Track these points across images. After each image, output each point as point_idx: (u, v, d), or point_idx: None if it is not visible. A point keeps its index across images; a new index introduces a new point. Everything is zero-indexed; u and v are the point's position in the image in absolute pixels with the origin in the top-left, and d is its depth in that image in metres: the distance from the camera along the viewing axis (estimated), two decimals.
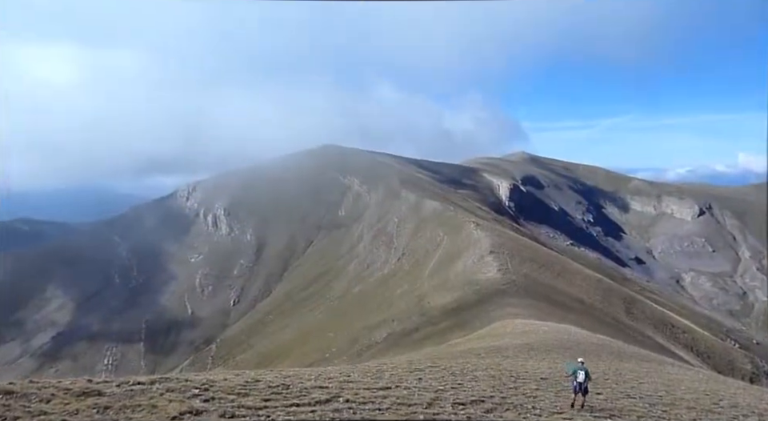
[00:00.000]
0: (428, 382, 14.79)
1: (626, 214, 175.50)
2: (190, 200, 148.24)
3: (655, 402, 14.78)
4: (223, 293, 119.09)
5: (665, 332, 67.26)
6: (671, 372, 24.74)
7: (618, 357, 27.42)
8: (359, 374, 15.29)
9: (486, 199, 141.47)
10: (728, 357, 70.02)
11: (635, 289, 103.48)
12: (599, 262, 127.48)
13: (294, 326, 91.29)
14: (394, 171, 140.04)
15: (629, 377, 20.14)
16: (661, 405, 14.41)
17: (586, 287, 70.90)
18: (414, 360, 21.87)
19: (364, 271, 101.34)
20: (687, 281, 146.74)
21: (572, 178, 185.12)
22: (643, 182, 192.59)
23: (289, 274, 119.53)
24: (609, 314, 62.45)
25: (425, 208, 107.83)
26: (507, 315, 43.71)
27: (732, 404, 16.02)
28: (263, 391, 11.16)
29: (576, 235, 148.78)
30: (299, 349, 75.21)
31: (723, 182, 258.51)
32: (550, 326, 37.11)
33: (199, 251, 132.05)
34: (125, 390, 9.89)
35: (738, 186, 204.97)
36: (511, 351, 24.63)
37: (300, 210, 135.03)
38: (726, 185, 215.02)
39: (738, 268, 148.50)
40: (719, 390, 19.57)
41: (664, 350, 52.27)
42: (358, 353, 54.77)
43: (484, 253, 70.33)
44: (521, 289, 55.67)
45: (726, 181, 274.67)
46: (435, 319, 54.31)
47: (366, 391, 12.33)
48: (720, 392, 18.65)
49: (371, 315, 70.78)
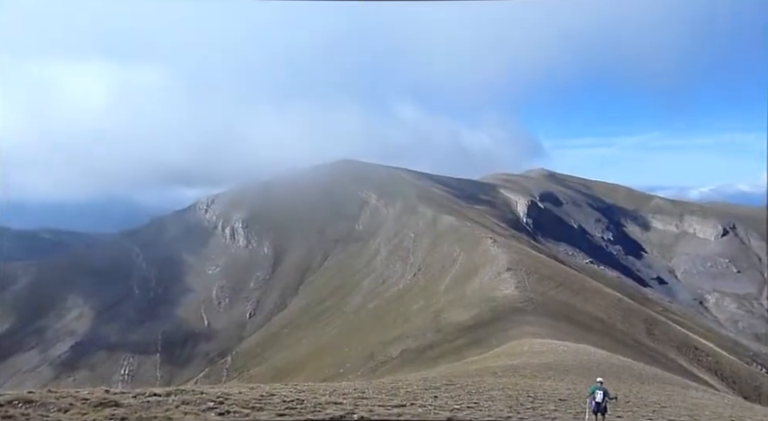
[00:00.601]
0: (444, 401, 14.58)
1: (647, 233, 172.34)
2: (208, 212, 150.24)
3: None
4: (239, 305, 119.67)
5: (688, 355, 65.34)
6: (695, 396, 23.98)
7: (639, 379, 26.71)
8: (374, 391, 15.16)
9: (504, 216, 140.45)
10: (754, 382, 67.57)
11: (657, 309, 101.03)
12: (619, 282, 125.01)
13: (310, 340, 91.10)
14: (412, 186, 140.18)
15: (650, 400, 19.58)
16: None
17: (605, 307, 69.48)
18: (429, 377, 21.60)
19: (380, 286, 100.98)
20: (711, 302, 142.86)
21: (591, 196, 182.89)
22: (665, 200, 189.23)
23: (305, 288, 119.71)
24: (629, 334, 60.99)
25: (442, 223, 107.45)
26: (524, 334, 43.01)
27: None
28: (278, 406, 11.13)
29: (595, 253, 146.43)
30: (314, 363, 74.91)
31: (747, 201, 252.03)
32: (568, 346, 36.37)
33: (216, 263, 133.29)
34: (141, 401, 9.96)
35: (764, 206, 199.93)
36: (529, 371, 24.18)
37: (317, 223, 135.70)
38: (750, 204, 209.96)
39: (764, 290, 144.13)
40: (745, 416, 18.90)
41: (687, 374, 50.74)
42: (373, 369, 54.33)
43: (501, 270, 69.60)
44: (538, 307, 54.82)
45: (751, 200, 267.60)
46: (451, 336, 53.71)
47: (381, 408, 12.20)
48: (746, 419, 18.01)
49: (386, 331, 70.31)
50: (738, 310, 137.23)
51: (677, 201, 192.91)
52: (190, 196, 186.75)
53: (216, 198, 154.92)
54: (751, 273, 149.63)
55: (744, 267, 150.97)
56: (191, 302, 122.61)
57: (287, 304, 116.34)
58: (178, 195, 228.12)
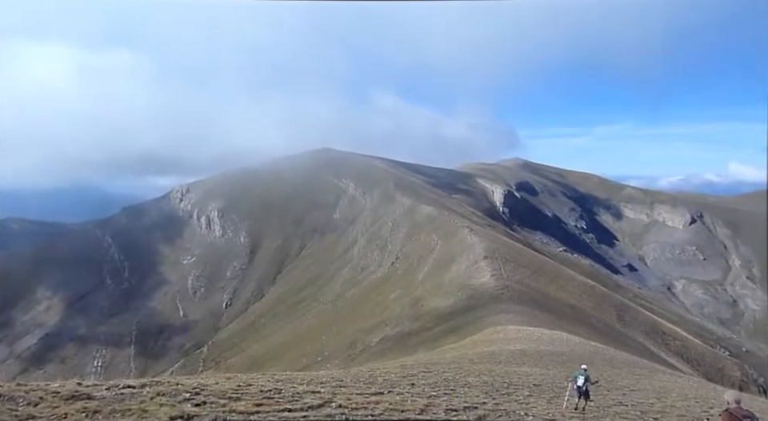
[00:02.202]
0: (421, 388, 14.75)
1: (618, 222, 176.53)
2: (183, 201, 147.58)
3: (646, 410, 14.81)
4: (216, 295, 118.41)
5: (656, 339, 67.56)
6: (662, 380, 24.82)
7: (610, 364, 27.49)
8: (352, 379, 15.23)
9: (481, 205, 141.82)
10: (718, 365, 70.37)
11: (627, 296, 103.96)
12: (592, 269, 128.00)
13: (287, 329, 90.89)
14: (389, 175, 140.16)
15: (621, 384, 20.19)
16: (652, 413, 14.44)
17: (578, 294, 71.12)
18: (407, 365, 21.81)
19: (358, 275, 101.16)
20: (679, 288, 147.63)
21: (566, 185, 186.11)
22: (636, 189, 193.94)
23: (282, 277, 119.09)
24: (601, 320, 62.64)
25: (419, 212, 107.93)
26: (500, 321, 43.73)
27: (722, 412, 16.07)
28: (255, 396, 11.07)
29: (569, 242, 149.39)
30: (292, 353, 74.86)
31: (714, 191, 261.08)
32: (542, 332, 37.16)
33: (192, 253, 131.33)
34: (115, 393, 9.78)
35: (730, 195, 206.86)
36: (504, 357, 24.62)
37: (294, 212, 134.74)
38: (717, 194, 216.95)
39: (728, 276, 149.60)
40: (709, 398, 19.66)
41: (655, 358, 52.48)
42: (351, 357, 54.58)
43: (478, 258, 70.45)
44: (514, 295, 55.75)
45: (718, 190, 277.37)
46: (429, 324, 54.26)
47: (359, 396, 12.27)
48: (711, 400, 18.74)
49: (364, 319, 70.62)
50: (704, 296, 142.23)
51: (647, 190, 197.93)
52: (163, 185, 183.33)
53: (191, 186, 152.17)
54: (717, 260, 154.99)
55: (710, 254, 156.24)
56: (166, 292, 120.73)
57: (264, 294, 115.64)
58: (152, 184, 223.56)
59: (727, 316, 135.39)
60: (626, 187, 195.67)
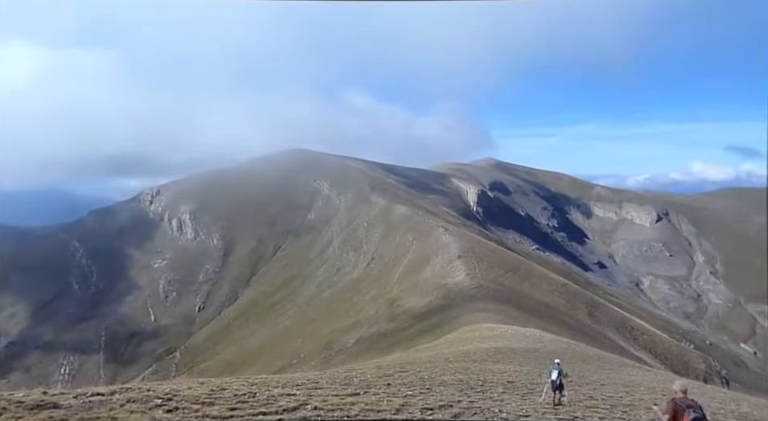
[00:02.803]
0: (397, 388, 14.81)
1: (588, 220, 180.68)
2: (153, 204, 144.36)
3: (616, 404, 15.21)
4: (188, 299, 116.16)
5: (625, 334, 69.41)
6: (631, 374, 25.53)
7: (582, 359, 28.11)
8: (328, 381, 15.18)
9: (455, 204, 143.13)
10: (683, 358, 72.75)
11: (598, 293, 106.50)
12: (564, 267, 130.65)
13: (262, 332, 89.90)
14: (364, 176, 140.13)
15: (591, 379, 20.68)
16: (621, 406, 14.84)
17: (550, 291, 72.51)
18: (383, 365, 21.85)
19: (333, 276, 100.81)
20: (646, 284, 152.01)
21: (538, 185, 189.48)
22: (605, 188, 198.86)
23: (256, 280, 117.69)
24: (573, 317, 64.02)
25: (394, 213, 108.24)
26: (475, 319, 44.23)
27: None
28: (229, 400, 10.94)
29: (541, 240, 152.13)
30: (267, 355, 74.07)
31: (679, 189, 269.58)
32: (516, 330, 37.74)
33: (163, 256, 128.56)
34: (83, 401, 9.51)
35: (693, 193, 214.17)
36: (479, 356, 24.92)
37: (268, 214, 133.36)
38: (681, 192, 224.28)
39: (692, 272, 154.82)
40: None
41: (624, 352, 53.91)
42: (328, 359, 54.36)
43: (452, 258, 71.09)
44: (488, 293, 56.47)
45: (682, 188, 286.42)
46: (404, 324, 54.48)
47: (335, 398, 12.25)
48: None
49: (340, 320, 70.42)
50: (670, 292, 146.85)
51: (616, 189, 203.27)
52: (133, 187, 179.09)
53: (162, 188, 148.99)
54: (682, 256, 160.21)
55: (675, 251, 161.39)
56: (136, 297, 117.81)
57: (238, 296, 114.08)
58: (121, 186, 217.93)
59: (692, 310, 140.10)
60: (596, 186, 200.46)
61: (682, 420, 7.50)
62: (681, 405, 7.64)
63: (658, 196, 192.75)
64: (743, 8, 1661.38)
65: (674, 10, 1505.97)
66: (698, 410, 7.52)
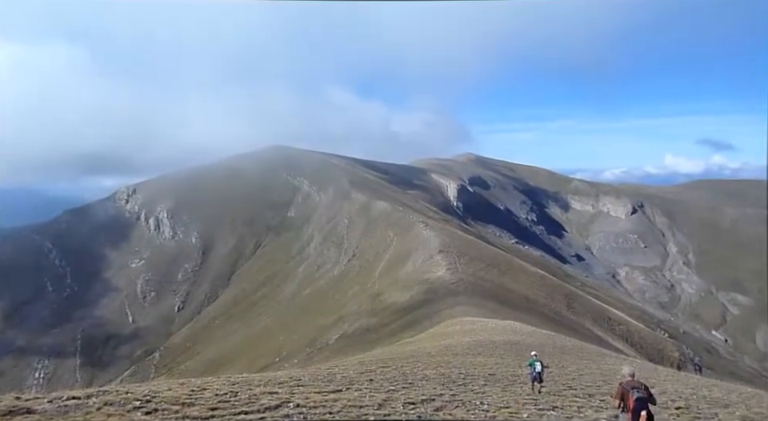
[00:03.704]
0: (379, 383, 14.86)
1: (566, 213, 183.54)
2: (130, 202, 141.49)
3: (594, 393, 15.53)
4: (167, 299, 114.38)
5: (603, 325, 70.85)
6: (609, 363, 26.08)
7: (561, 351, 28.61)
8: (310, 378, 15.15)
9: (435, 200, 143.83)
10: (658, 346, 74.67)
11: (576, 284, 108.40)
12: (542, 260, 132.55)
13: (243, 331, 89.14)
14: (344, 172, 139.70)
15: (570, 370, 21.08)
16: (599, 395, 15.16)
17: (530, 284, 73.53)
18: (365, 361, 21.89)
19: (314, 273, 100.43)
20: (622, 275, 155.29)
21: (517, 179, 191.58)
22: (582, 182, 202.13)
23: (236, 278, 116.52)
24: (552, 309, 65.05)
25: (375, 209, 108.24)
26: (456, 314, 44.61)
27: (661, 391, 17.09)
28: (210, 400, 10.83)
29: (521, 234, 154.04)
30: (248, 354, 73.51)
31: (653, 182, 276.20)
32: (497, 323, 38.19)
33: (140, 256, 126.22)
34: (58, 406, 9.31)
35: (666, 185, 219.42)
36: (460, 349, 25.15)
37: (248, 211, 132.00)
38: (655, 185, 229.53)
39: (666, 262, 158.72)
40: (650, 378, 20.83)
41: (602, 342, 55.05)
42: (310, 356, 54.23)
43: (433, 253, 71.48)
44: (469, 287, 56.97)
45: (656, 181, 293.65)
46: (386, 320, 54.62)
47: (317, 395, 12.23)
48: (651, 380, 19.85)
49: (322, 317, 70.26)
50: (645, 282, 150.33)
51: (593, 182, 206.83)
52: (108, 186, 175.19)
53: (138, 187, 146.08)
54: (656, 247, 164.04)
55: (650, 242, 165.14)
56: (113, 298, 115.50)
57: (218, 295, 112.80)
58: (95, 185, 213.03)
59: (666, 300, 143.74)
60: (573, 180, 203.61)
61: (629, 400, 8.35)
62: (627, 387, 8.47)
63: (633, 189, 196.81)
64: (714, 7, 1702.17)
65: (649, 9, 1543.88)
66: (641, 391, 8.38)
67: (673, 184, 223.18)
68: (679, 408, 14.02)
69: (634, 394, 8.32)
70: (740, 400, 16.47)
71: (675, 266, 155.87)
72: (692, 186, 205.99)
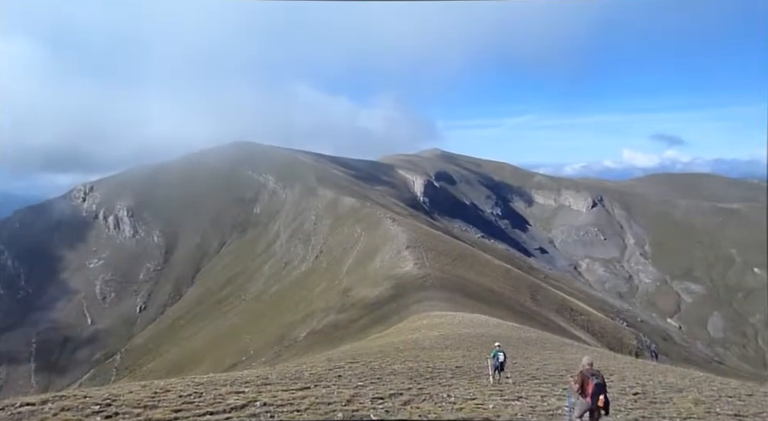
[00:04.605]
0: (348, 379, 14.87)
1: (530, 208, 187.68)
2: (87, 201, 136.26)
3: (557, 382, 15.99)
4: (128, 300, 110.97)
5: (565, 315, 72.96)
6: (571, 353, 26.89)
7: (525, 342, 29.31)
8: (277, 376, 15.00)
9: (402, 195, 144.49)
10: (617, 335, 77.51)
11: (539, 277, 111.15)
12: (507, 253, 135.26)
13: (208, 330, 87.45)
14: (311, 168, 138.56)
15: (534, 360, 21.62)
16: (562, 384, 15.62)
17: (496, 277, 74.93)
18: (333, 358, 21.85)
19: (281, 270, 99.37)
20: (583, 267, 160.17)
21: (482, 174, 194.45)
22: (545, 177, 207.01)
23: (201, 277, 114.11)
24: (517, 301, 66.52)
25: (342, 205, 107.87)
26: (424, 308, 45.02)
27: (621, 378, 17.76)
28: (173, 402, 10.58)
29: (486, 228, 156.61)
30: (214, 354, 72.20)
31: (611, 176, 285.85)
32: (464, 316, 38.76)
33: (99, 256, 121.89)
34: (10, 413, 8.90)
35: (624, 180, 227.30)
36: (428, 343, 25.42)
37: (212, 208, 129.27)
38: (613, 179, 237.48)
39: (624, 254, 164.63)
40: (610, 365, 21.61)
41: (565, 332, 56.67)
42: (278, 354, 53.70)
43: (401, 248, 71.86)
44: (436, 282, 57.58)
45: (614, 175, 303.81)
46: (355, 315, 54.64)
47: (285, 393, 12.13)
48: (611, 368, 20.60)
49: (290, 315, 69.67)
50: (605, 273, 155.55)
51: (554, 177, 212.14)
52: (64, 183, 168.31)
53: (96, 184, 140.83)
54: (615, 239, 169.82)
55: (609, 234, 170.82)
56: (70, 300, 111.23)
57: (182, 295, 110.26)
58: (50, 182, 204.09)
59: (624, 290, 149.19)
60: (536, 175, 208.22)
61: (588, 386, 9.28)
62: (587, 374, 9.42)
63: (593, 183, 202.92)
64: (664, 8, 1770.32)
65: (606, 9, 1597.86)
66: (599, 377, 9.38)
67: (630, 178, 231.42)
68: (636, 394, 14.60)
69: (593, 380, 9.27)
70: (692, 384, 17.28)
71: (633, 258, 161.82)
72: (647, 179, 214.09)
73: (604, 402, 9.18)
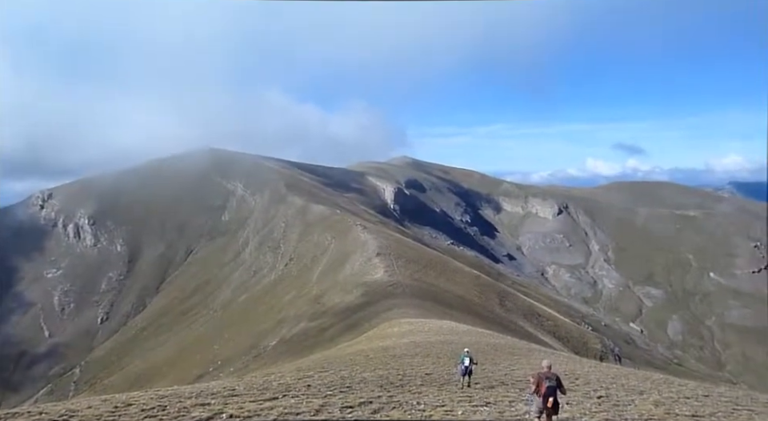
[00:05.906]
0: (317, 389, 14.73)
1: (498, 215, 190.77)
2: (45, 208, 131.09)
3: (524, 387, 16.25)
4: (88, 311, 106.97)
5: (532, 321, 74.26)
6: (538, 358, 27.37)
7: (494, 348, 29.68)
8: (245, 387, 14.74)
9: (372, 202, 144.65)
10: (583, 339, 79.34)
11: (508, 283, 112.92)
12: (477, 260, 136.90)
13: (174, 341, 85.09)
14: (280, 175, 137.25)
15: (502, 365, 21.92)
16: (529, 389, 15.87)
17: (465, 284, 75.70)
18: (303, 367, 21.61)
19: (250, 279, 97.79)
20: (550, 273, 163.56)
21: (451, 182, 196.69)
22: (512, 185, 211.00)
23: (167, 286, 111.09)
24: (486, 307, 67.35)
25: (312, 212, 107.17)
26: (394, 315, 45.05)
27: (586, 381, 18.20)
28: (135, 416, 10.27)
29: (456, 235, 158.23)
30: (180, 366, 70.27)
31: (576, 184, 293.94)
32: (434, 323, 38.98)
33: (57, 266, 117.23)
34: None
35: (588, 187, 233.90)
36: (398, 351, 25.44)
37: (178, 216, 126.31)
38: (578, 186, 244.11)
39: (589, 260, 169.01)
40: (576, 369, 22.12)
41: (532, 338, 57.66)
42: (246, 364, 52.70)
43: (371, 255, 71.84)
44: (406, 289, 57.76)
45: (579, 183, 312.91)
46: (325, 324, 54.19)
47: (252, 404, 11.94)
48: (576, 371, 21.08)
49: (259, 324, 68.54)
50: (571, 279, 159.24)
51: (522, 185, 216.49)
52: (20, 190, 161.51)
53: (54, 191, 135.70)
54: (580, 246, 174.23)
55: (574, 241, 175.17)
56: (26, 312, 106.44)
57: (146, 305, 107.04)
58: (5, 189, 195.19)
59: (589, 295, 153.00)
60: (504, 183, 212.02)
61: (542, 387, 10.20)
62: (542, 376, 10.33)
63: (559, 191, 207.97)
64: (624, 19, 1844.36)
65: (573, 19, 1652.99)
66: (552, 380, 10.25)
67: (594, 186, 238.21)
68: (600, 397, 14.98)
69: (546, 383, 10.22)
70: (653, 386, 17.84)
71: (597, 263, 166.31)
72: (610, 187, 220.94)
73: (552, 403, 10.10)
